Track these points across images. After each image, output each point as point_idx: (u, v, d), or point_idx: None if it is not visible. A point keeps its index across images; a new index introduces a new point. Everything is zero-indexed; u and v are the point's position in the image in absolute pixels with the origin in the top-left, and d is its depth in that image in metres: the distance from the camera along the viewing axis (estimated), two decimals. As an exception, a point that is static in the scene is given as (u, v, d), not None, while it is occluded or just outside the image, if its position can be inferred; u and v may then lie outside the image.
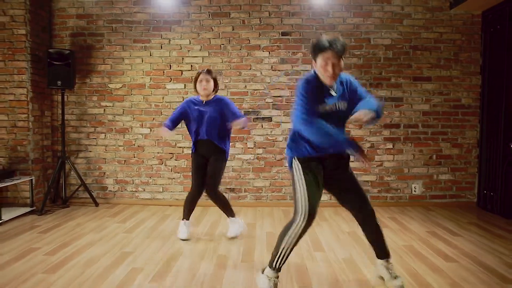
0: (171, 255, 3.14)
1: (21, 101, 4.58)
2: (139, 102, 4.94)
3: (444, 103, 4.89)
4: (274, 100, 4.86)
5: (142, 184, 5.00)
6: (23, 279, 2.65)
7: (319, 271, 2.83)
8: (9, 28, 4.51)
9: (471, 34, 4.85)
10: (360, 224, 2.53)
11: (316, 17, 4.81)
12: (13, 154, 4.61)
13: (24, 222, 4.14)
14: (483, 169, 4.85)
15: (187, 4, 4.84)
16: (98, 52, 4.93)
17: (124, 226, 4.00)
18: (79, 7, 4.92)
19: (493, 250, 3.28)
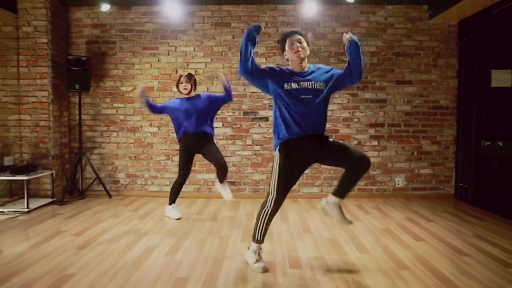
0: (181, 235, 3.66)
1: (43, 103, 5.09)
2: (148, 104, 5.45)
3: (424, 104, 5.41)
4: (270, 102, 5.36)
5: (151, 177, 5.51)
6: (58, 253, 3.16)
7: (307, 249, 3.34)
8: (32, 37, 5.01)
9: (448, 42, 5.35)
10: (349, 168, 2.79)
11: (308, 27, 5.31)
12: (35, 150, 5.12)
13: (47, 211, 4.65)
14: (459, 164, 5.36)
15: (192, 15, 5.35)
16: (111, 58, 5.44)
17: (137, 213, 4.51)
18: (94, 17, 5.42)
19: (458, 232, 3.80)
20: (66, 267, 2.86)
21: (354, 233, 3.73)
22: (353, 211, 4.62)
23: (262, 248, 2.92)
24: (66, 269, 2.83)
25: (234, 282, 2.63)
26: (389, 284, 2.59)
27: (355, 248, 3.33)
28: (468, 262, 2.97)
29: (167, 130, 5.45)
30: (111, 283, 2.59)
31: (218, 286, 2.57)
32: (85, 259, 3.03)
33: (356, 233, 3.74)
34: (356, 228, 3.90)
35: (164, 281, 2.63)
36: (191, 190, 5.45)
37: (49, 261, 2.99)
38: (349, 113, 5.39)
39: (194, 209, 4.73)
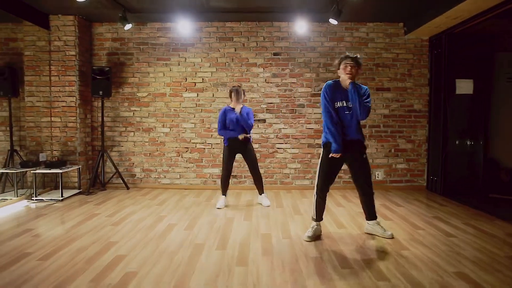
0: (194, 217, 4.48)
1: (71, 107, 5.90)
2: (161, 107, 6.27)
3: (400, 108, 6.25)
4: (268, 106, 6.19)
5: (163, 172, 6.33)
6: (98, 229, 3.98)
7: (296, 226, 4.17)
8: (62, 51, 5.82)
9: (420, 54, 6.20)
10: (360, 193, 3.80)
11: (300, 41, 6.15)
12: (64, 148, 5.92)
13: (77, 199, 5.45)
14: (431, 159, 6.21)
15: (199, 31, 6.17)
16: (128, 67, 6.25)
17: (154, 201, 5.33)
18: (114, 32, 6.23)
19: (420, 213, 4.65)
20: (109, 237, 3.69)
21: (336, 215, 4.57)
22: (338, 200, 5.45)
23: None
24: (109, 238, 3.65)
25: (239, 246, 3.46)
26: (357, 249, 3.42)
27: (335, 225, 4.17)
28: (421, 234, 3.82)
29: (177, 130, 6.26)
30: (146, 248, 3.41)
31: (228, 247, 3.40)
32: (122, 232, 3.85)
33: (338, 215, 4.58)
34: (339, 212, 4.74)
35: (186, 246, 3.46)
36: (198, 183, 6.28)
37: (94, 233, 3.81)
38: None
39: (203, 198, 5.55)
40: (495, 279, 2.75)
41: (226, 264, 3.04)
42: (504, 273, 2.86)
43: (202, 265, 3.03)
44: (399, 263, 3.06)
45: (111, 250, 3.34)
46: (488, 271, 2.89)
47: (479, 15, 4.81)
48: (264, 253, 3.28)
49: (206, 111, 6.22)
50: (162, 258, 3.16)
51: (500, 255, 3.23)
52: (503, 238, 3.68)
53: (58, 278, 2.76)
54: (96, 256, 3.20)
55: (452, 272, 2.86)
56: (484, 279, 2.74)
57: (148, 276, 2.82)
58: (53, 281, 2.70)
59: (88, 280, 2.73)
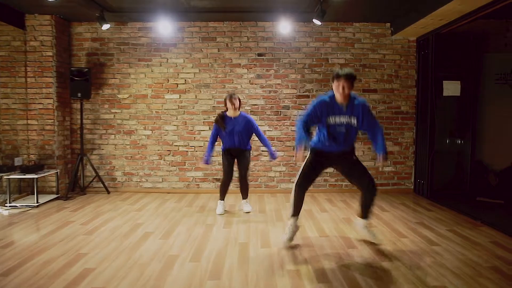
0: (172, 224, 4.33)
1: (48, 109, 5.70)
2: (142, 109, 6.10)
3: (387, 110, 6.14)
4: (252, 108, 6.05)
5: (145, 175, 6.16)
6: (70, 238, 3.82)
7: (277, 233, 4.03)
8: (39, 51, 5.62)
9: (408, 55, 6.09)
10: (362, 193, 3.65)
11: (285, 41, 6.01)
12: (41, 151, 5.73)
13: (54, 205, 5.27)
14: (418, 162, 6.11)
15: (182, 30, 6.00)
16: (109, 68, 6.07)
17: (133, 207, 5.17)
18: (94, 31, 6.04)
19: (405, 219, 4.54)
20: (79, 248, 3.53)
21: (319, 221, 4.45)
22: (322, 204, 5.33)
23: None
24: (79, 249, 3.49)
25: (215, 257, 3.31)
26: (336, 260, 3.30)
27: (316, 232, 4.04)
28: (404, 242, 3.70)
29: (159, 133, 6.10)
30: (117, 260, 3.25)
31: (202, 260, 3.25)
32: (94, 243, 3.69)
33: (321, 221, 4.45)
34: (322, 218, 4.62)
35: (159, 257, 3.31)
36: (181, 186, 6.12)
37: (64, 244, 3.65)
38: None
39: (184, 203, 5.40)
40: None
41: (198, 278, 2.90)
42: (485, 286, 2.74)
43: (173, 279, 2.89)
44: (379, 276, 2.93)
45: (80, 263, 3.18)
46: (471, 285, 2.77)
47: (464, 16, 4.70)
48: (239, 265, 3.14)
49: (188, 113, 6.06)
50: (132, 271, 3.01)
51: (483, 266, 3.11)
52: (487, 247, 3.57)
53: (17, 295, 2.61)
54: (63, 270, 3.04)
55: (433, 286, 2.74)
56: (466, 294, 2.63)
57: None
58: (11, 300, 2.55)
59: (49, 298, 2.58)
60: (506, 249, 3.51)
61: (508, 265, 3.14)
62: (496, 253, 3.42)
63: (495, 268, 3.06)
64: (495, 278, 2.88)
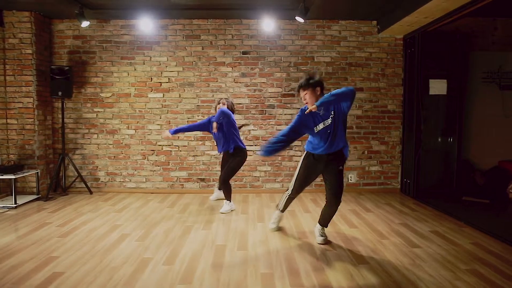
0: (151, 225, 4.24)
1: (28, 108, 5.59)
2: (125, 108, 6.00)
3: (374, 109, 6.07)
4: (236, 107, 5.96)
5: (129, 175, 6.07)
6: (44, 241, 3.72)
7: (256, 235, 3.96)
8: (18, 49, 5.51)
9: (394, 53, 6.02)
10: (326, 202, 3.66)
11: (270, 39, 5.92)
12: (21, 151, 5.62)
13: (33, 206, 5.17)
14: (404, 162, 6.05)
15: (165, 28, 5.91)
16: (91, 67, 5.96)
17: (114, 208, 5.07)
18: (75, 29, 5.93)
19: (388, 220, 4.47)
20: (51, 251, 3.43)
21: (301, 223, 4.37)
22: (306, 204, 5.26)
23: None
24: (51, 253, 3.40)
25: (189, 260, 3.23)
26: (313, 262, 3.22)
27: (296, 234, 3.97)
28: (384, 244, 3.64)
29: (143, 132, 6.00)
30: (88, 263, 3.17)
31: (175, 263, 3.17)
32: (68, 245, 3.60)
33: (302, 223, 4.38)
34: (304, 219, 4.55)
35: (132, 261, 3.22)
36: (165, 186, 6.03)
37: (36, 247, 3.55)
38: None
39: (167, 203, 5.31)
40: (452, 298, 2.57)
41: (169, 282, 2.81)
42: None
43: (143, 283, 2.80)
44: (354, 280, 2.86)
45: (49, 267, 3.09)
46: (445, 286, 2.71)
47: (449, 14, 4.64)
48: (213, 269, 3.06)
49: (172, 112, 5.97)
50: (102, 276, 2.93)
51: (461, 268, 3.05)
52: (467, 249, 3.51)
53: (-23, 302, 2.52)
54: (31, 274, 2.95)
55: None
56: (440, 298, 2.56)
57: (80, 297, 2.59)
58: (-29, 306, 2.46)
59: (11, 304, 2.49)
60: (486, 251, 3.46)
61: (487, 267, 3.08)
62: (476, 255, 3.36)
63: (473, 271, 3.00)
64: (472, 281, 2.82)
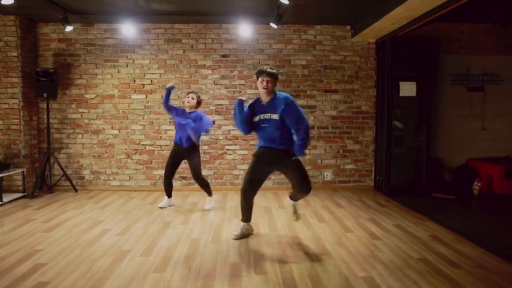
0: (132, 221, 4.47)
1: (14, 109, 5.77)
2: (109, 109, 6.20)
3: (348, 109, 6.35)
4: (217, 108, 6.21)
5: (113, 174, 6.28)
6: (29, 235, 3.94)
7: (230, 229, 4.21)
8: (3, 51, 5.68)
9: (367, 57, 6.31)
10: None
11: (249, 43, 6.17)
12: (8, 151, 5.80)
13: (19, 203, 5.35)
14: (378, 160, 6.35)
15: (148, 32, 6.12)
16: (76, 69, 6.16)
17: (98, 205, 5.29)
18: (60, 32, 6.11)
19: (357, 215, 4.76)
20: (35, 245, 3.65)
21: (274, 218, 4.64)
22: (282, 201, 5.52)
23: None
24: (35, 246, 3.62)
25: (165, 252, 3.48)
26: (280, 254, 3.49)
27: (268, 229, 4.23)
28: (348, 237, 3.92)
29: (126, 132, 6.21)
30: (70, 255, 3.39)
31: (151, 255, 3.41)
32: (51, 239, 3.81)
33: (275, 218, 4.64)
34: (278, 214, 4.81)
35: (111, 253, 3.46)
36: (148, 184, 6.26)
37: (21, 241, 3.77)
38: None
39: (149, 201, 5.53)
40: (399, 284, 2.85)
41: (144, 271, 3.06)
42: (410, 277, 2.97)
43: (120, 272, 3.05)
44: (313, 267, 3.14)
45: (32, 259, 3.31)
46: (395, 274, 3.00)
47: (414, 20, 4.93)
48: (185, 259, 3.31)
49: (155, 113, 6.19)
50: (82, 266, 3.16)
51: (414, 257, 3.34)
52: (424, 240, 3.81)
53: (-35, 290, 2.73)
54: (15, 265, 3.17)
55: (360, 277, 2.96)
56: (389, 284, 2.84)
57: (61, 284, 2.82)
58: (-41, 294, 2.67)
59: (-4, 292, 2.71)
60: (441, 242, 3.75)
61: (437, 257, 3.37)
62: (430, 246, 3.66)
63: (424, 260, 3.29)
64: (421, 268, 3.11)
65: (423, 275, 2.99)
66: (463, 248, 3.60)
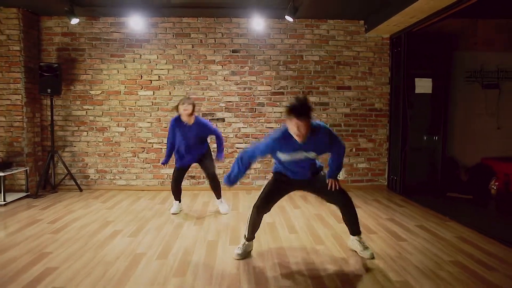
0: (142, 222, 4.28)
1: (17, 105, 5.56)
2: (115, 106, 6.00)
3: (361, 107, 6.19)
4: (226, 105, 6.02)
5: (119, 173, 6.08)
6: (36, 237, 3.74)
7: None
8: (5, 45, 5.47)
9: (381, 53, 6.14)
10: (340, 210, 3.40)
11: (260, 38, 5.99)
12: (10, 149, 5.59)
13: (23, 203, 5.15)
14: (391, 159, 6.18)
15: (155, 26, 5.93)
16: (80, 64, 5.95)
17: (105, 205, 5.09)
18: (64, 26, 5.91)
19: (376, 215, 4.59)
20: (44, 247, 3.45)
21: (290, 218, 4.46)
22: (296, 201, 5.34)
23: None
24: (44, 248, 3.42)
25: (182, 255, 3.29)
26: (304, 256, 3.31)
27: (287, 229, 4.05)
28: (372, 238, 3.75)
29: (133, 130, 6.02)
30: (82, 258, 3.20)
31: (169, 258, 3.22)
32: (60, 241, 3.62)
33: (292, 218, 4.46)
34: (294, 214, 4.63)
35: (126, 256, 3.26)
36: (156, 184, 6.06)
37: (29, 243, 3.57)
38: (296, 114, 6.10)
39: (157, 200, 5.34)
40: (434, 285, 2.68)
41: (163, 275, 2.87)
42: (445, 279, 2.80)
43: (138, 276, 2.86)
44: (344, 273, 2.96)
45: (43, 262, 3.11)
46: (430, 277, 2.83)
47: (434, 14, 4.76)
48: (206, 263, 3.13)
49: (162, 110, 6.00)
50: (96, 270, 2.97)
51: (444, 259, 3.17)
52: (451, 242, 3.64)
53: (-27, 296, 2.54)
54: (25, 269, 2.98)
55: (394, 281, 2.78)
56: (424, 286, 2.67)
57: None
58: (-34, 301, 2.48)
59: (7, 298, 2.52)
60: (469, 243, 3.59)
61: (469, 258, 3.20)
62: (459, 247, 3.49)
63: (456, 262, 3.12)
64: (455, 271, 2.94)
65: (460, 279, 2.82)
66: (493, 249, 3.43)
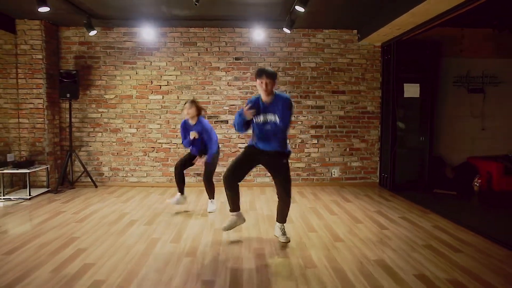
0: (155, 214, 4.79)
1: (39, 109, 6.09)
2: (128, 109, 6.52)
3: (355, 110, 6.68)
4: (230, 108, 6.54)
5: (131, 171, 6.60)
6: (63, 225, 4.26)
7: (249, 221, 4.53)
8: (29, 54, 6.00)
9: (373, 59, 6.64)
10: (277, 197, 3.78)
11: (260, 46, 6.50)
12: (32, 148, 6.12)
13: (45, 198, 5.68)
14: (382, 158, 6.68)
15: (164, 36, 6.45)
16: (96, 70, 6.48)
17: (120, 199, 5.61)
18: (81, 36, 6.43)
19: (365, 208, 5.09)
20: (73, 233, 3.98)
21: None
22: (293, 196, 5.82)
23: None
24: (72, 234, 3.94)
25: (192, 240, 3.80)
26: (298, 242, 3.82)
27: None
28: (359, 227, 4.25)
29: (144, 131, 6.54)
30: (106, 242, 3.71)
31: (181, 242, 3.74)
32: (85, 229, 4.14)
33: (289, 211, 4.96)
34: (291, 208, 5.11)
35: (143, 240, 3.78)
36: (165, 181, 6.58)
37: (58, 229, 4.09)
38: (294, 117, 6.60)
39: (167, 195, 5.85)
40: (408, 265, 3.18)
41: (177, 255, 3.39)
42: (416, 259, 3.30)
43: (155, 256, 3.37)
44: (330, 252, 3.46)
45: (73, 245, 3.63)
46: (403, 257, 3.33)
47: (418, 26, 5.26)
48: (212, 246, 3.64)
49: (171, 113, 6.52)
50: (119, 251, 3.48)
51: (419, 244, 3.68)
52: (428, 230, 4.14)
53: (21, 269, 3.05)
54: (58, 250, 3.49)
55: (372, 260, 3.29)
56: (397, 264, 3.18)
57: (105, 266, 3.15)
58: (17, 272, 3.00)
59: (49, 271, 3.03)
60: (444, 231, 4.09)
61: (441, 243, 3.70)
62: (434, 234, 3.99)
63: (428, 246, 3.63)
64: (426, 253, 3.44)
65: (429, 258, 3.31)
66: (464, 236, 3.93)
